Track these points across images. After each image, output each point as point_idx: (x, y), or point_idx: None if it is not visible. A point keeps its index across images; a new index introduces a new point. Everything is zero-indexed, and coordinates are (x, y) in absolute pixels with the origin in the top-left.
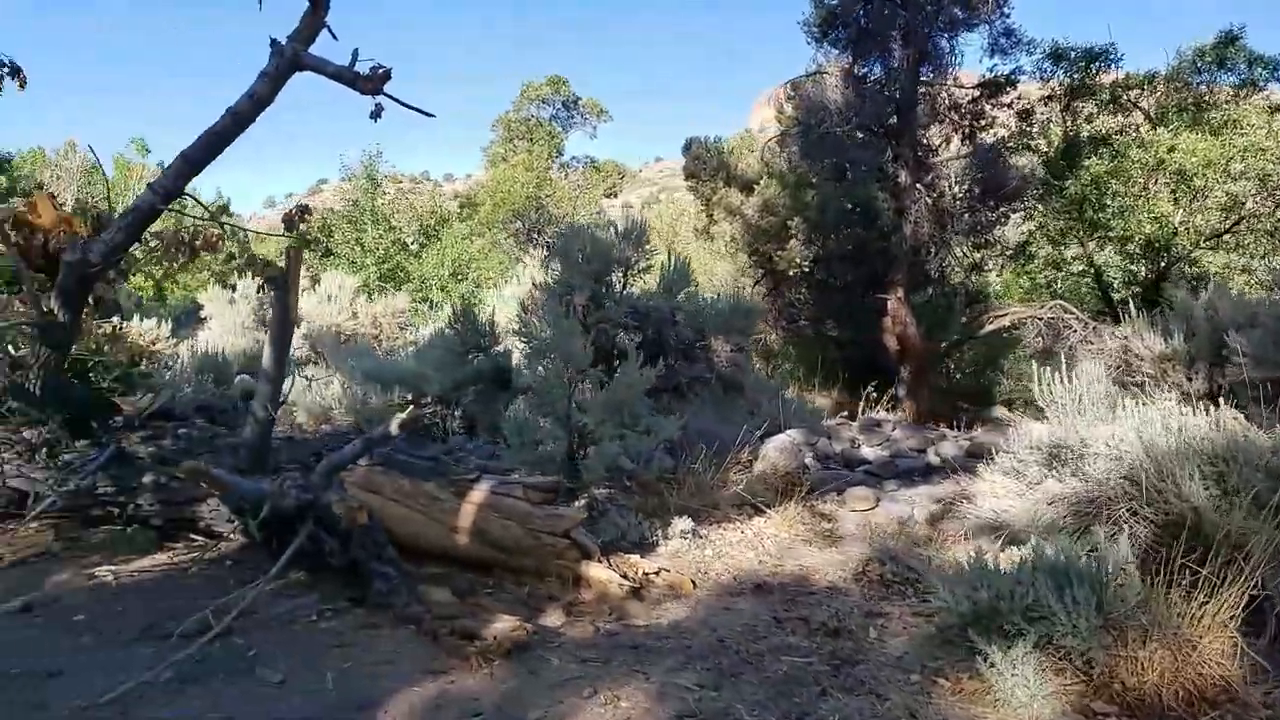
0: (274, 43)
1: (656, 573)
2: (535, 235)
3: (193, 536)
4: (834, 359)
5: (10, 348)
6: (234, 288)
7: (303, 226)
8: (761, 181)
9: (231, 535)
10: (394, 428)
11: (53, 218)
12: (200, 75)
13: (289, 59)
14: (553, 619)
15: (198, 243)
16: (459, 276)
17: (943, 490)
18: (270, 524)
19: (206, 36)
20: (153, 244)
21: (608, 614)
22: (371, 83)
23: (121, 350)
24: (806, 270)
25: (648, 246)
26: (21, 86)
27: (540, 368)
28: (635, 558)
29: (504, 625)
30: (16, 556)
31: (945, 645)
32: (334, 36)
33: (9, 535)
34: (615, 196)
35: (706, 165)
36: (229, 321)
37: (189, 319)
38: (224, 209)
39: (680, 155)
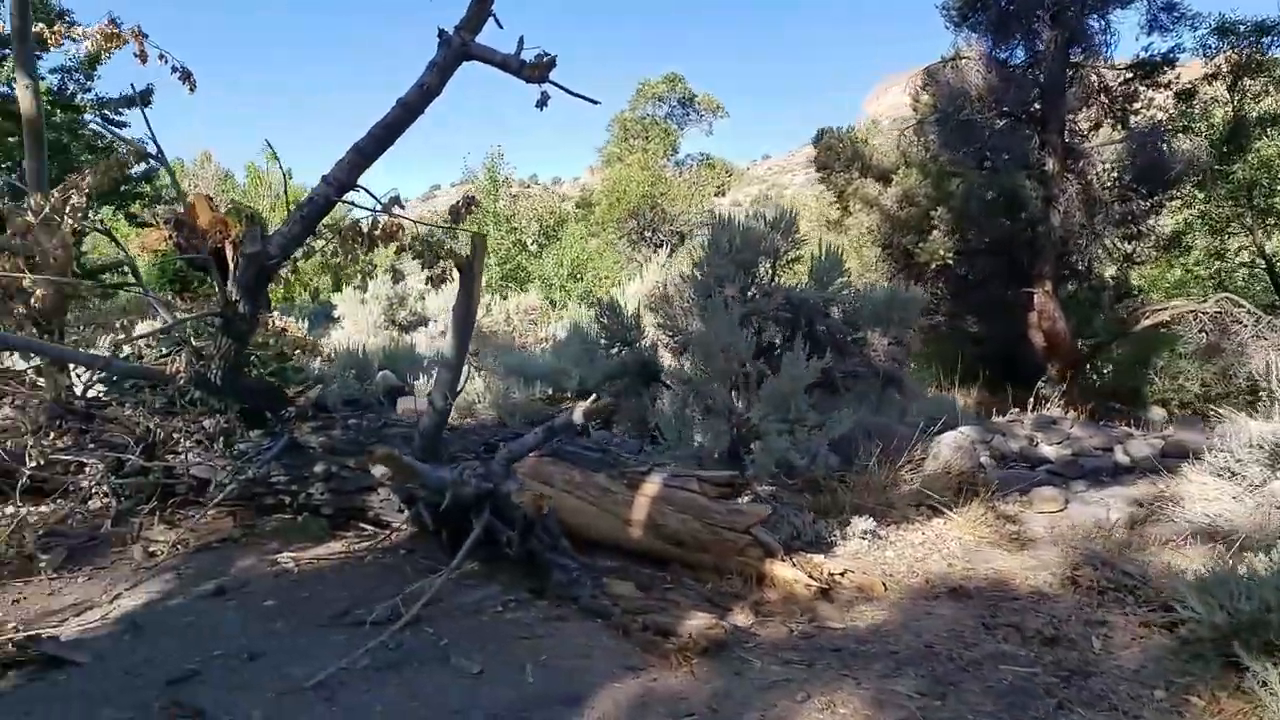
0: (442, 33)
1: (842, 573)
2: (649, 234)
3: (362, 526)
4: (972, 356)
5: (191, 339)
6: (365, 288)
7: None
8: (900, 171)
9: (401, 526)
10: (578, 416)
11: (209, 218)
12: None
13: (457, 49)
14: (741, 618)
15: (377, 233)
16: (577, 276)
17: (1138, 491)
18: (443, 513)
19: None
20: (328, 235)
21: (798, 615)
22: (537, 70)
23: (286, 344)
24: (949, 263)
25: (797, 236)
26: (191, 90)
27: (699, 361)
28: (818, 558)
29: (699, 623)
30: (201, 542)
31: (1195, 660)
32: (499, 25)
33: (190, 521)
34: (724, 195)
35: (840, 156)
36: (361, 321)
37: (320, 318)
38: (395, 200)
39: (788, 152)
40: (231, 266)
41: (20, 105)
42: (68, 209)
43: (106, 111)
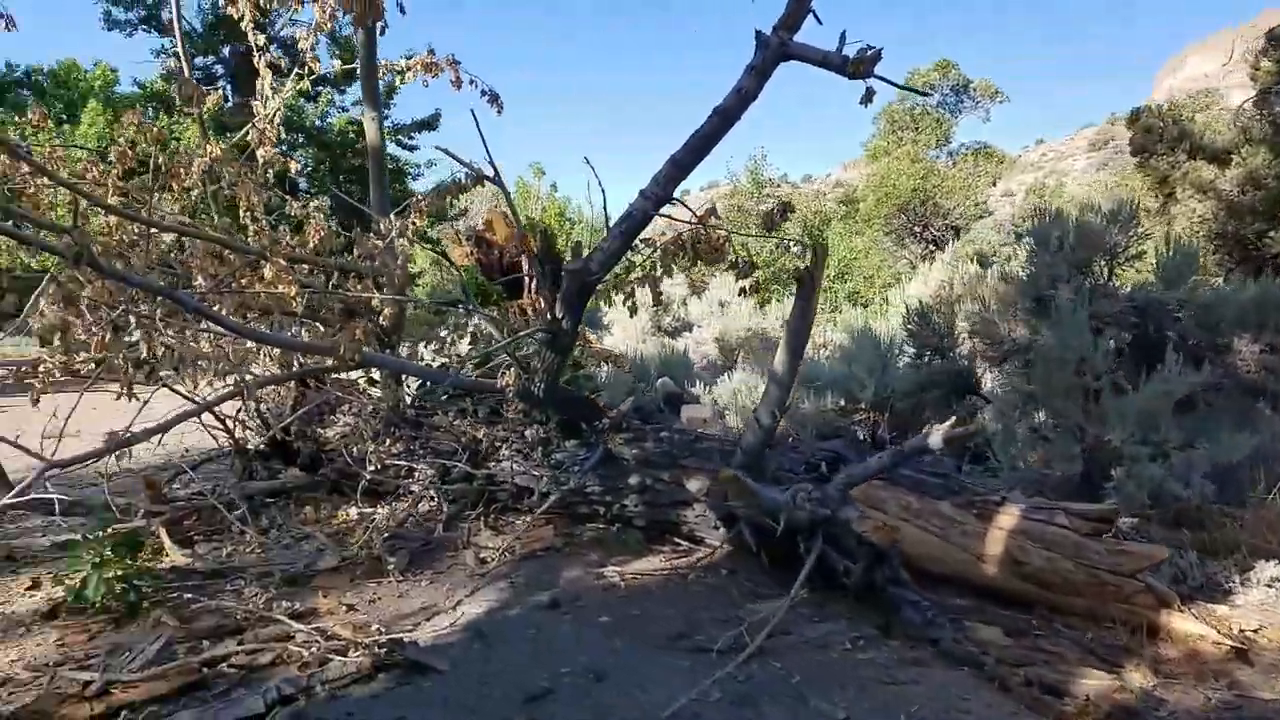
0: (759, 35)
1: (1256, 630)
2: (919, 230)
3: (676, 540)
4: None
5: (515, 353)
6: (634, 309)
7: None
8: (1242, 150)
9: (718, 544)
10: (935, 440)
11: (506, 234)
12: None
13: (775, 49)
14: (1138, 677)
15: (700, 245)
16: (843, 277)
17: None
18: (767, 535)
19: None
20: (647, 250)
21: (1209, 678)
22: (861, 65)
23: (590, 355)
24: None
25: (1139, 230)
26: (499, 112)
27: (1041, 372)
28: (1221, 609)
29: (1099, 684)
30: (526, 550)
31: None
32: (819, 21)
33: (513, 528)
34: (995, 185)
35: (1162, 136)
36: (630, 327)
37: (590, 325)
38: (711, 211)
39: (1065, 136)
40: (527, 280)
41: (366, 135)
42: (408, 232)
43: (401, 137)
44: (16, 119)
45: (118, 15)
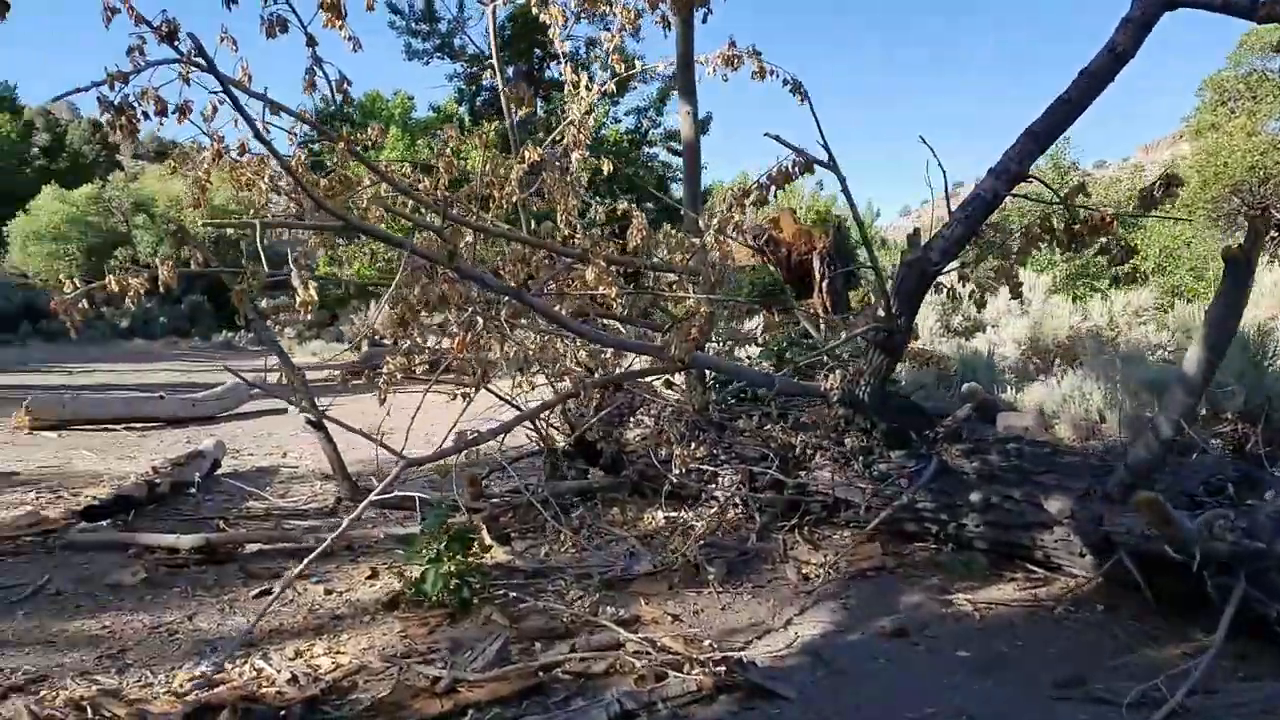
0: None
1: None
2: (1258, 215)
3: (1029, 567)
4: None
5: (834, 353)
6: (982, 302)
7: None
8: None
9: (1078, 572)
10: None
11: (793, 231)
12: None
13: None
14: None
15: (1078, 226)
16: (1165, 270)
17: None
18: (1148, 567)
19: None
20: (992, 236)
21: None
22: (1277, 5)
23: (912, 357)
24: None
25: None
26: (801, 101)
27: None
28: None
29: None
30: (853, 568)
31: None
32: None
33: (830, 542)
34: None
35: None
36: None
37: None
38: (1081, 188)
39: None
40: (817, 278)
41: (681, 129)
42: (726, 228)
43: (673, 143)
44: (358, 135)
45: (416, 46)
